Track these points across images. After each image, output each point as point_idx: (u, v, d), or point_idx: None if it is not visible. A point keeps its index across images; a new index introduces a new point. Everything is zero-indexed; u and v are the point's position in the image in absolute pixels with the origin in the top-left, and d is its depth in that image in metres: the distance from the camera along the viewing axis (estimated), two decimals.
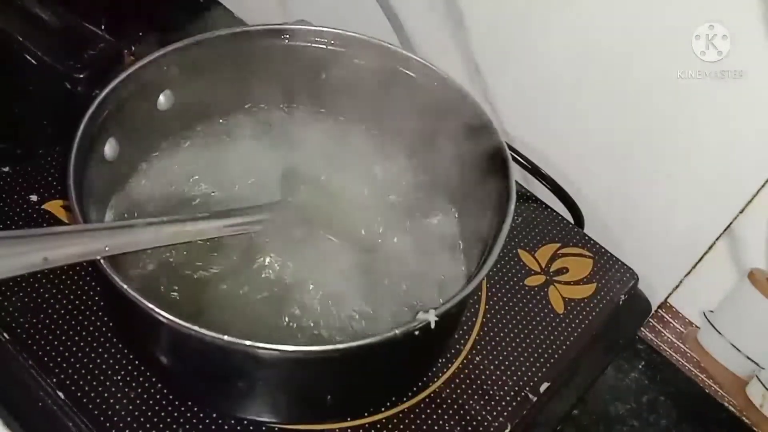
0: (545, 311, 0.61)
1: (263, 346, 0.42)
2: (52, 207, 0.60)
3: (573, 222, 0.69)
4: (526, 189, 0.70)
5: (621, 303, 0.63)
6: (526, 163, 0.70)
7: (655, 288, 0.69)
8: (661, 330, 0.73)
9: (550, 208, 0.69)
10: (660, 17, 0.59)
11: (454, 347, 0.57)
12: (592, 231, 0.68)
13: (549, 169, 0.69)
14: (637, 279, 0.65)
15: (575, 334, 0.60)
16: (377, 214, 0.59)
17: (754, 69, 0.57)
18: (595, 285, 0.63)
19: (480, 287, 0.61)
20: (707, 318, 0.70)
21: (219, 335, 0.41)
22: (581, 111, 0.68)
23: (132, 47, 0.61)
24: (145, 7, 0.76)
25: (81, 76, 0.57)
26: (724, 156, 0.61)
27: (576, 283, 0.63)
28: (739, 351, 0.68)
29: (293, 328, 0.51)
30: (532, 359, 0.57)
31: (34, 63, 0.59)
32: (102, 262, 0.43)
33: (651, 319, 0.73)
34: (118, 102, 0.52)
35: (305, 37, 0.59)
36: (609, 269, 0.65)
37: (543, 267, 0.64)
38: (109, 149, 0.53)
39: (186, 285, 0.53)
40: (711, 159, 0.62)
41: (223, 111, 0.62)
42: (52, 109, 0.65)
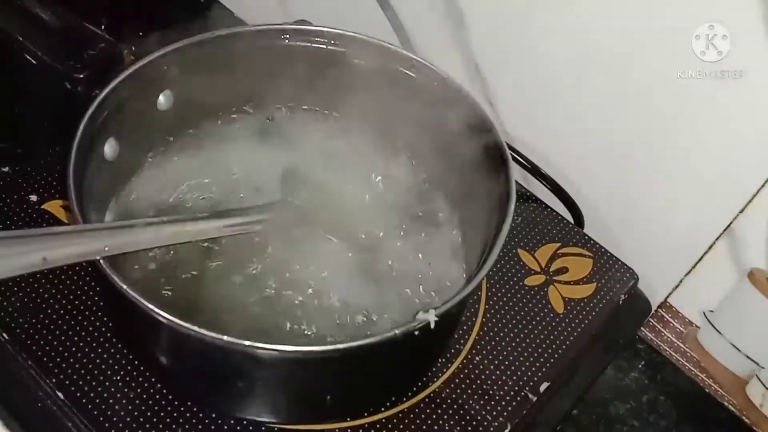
0: (545, 311, 0.61)
1: (263, 346, 0.42)
2: (51, 207, 0.60)
3: (573, 222, 0.69)
4: (526, 189, 0.70)
5: (621, 303, 0.63)
6: (526, 163, 0.70)
7: (655, 288, 0.69)
8: (661, 330, 0.73)
9: (550, 207, 0.69)
10: (660, 17, 0.59)
11: (454, 347, 0.57)
12: (592, 231, 0.68)
13: (549, 169, 0.69)
14: (637, 279, 0.65)
15: (575, 333, 0.60)
16: (377, 213, 0.59)
17: (754, 69, 0.57)
18: (595, 285, 0.63)
19: (480, 287, 0.61)
20: (707, 318, 0.70)
21: (219, 335, 0.41)
22: (581, 111, 0.68)
23: (132, 47, 0.61)
24: (145, 7, 0.76)
25: (81, 76, 0.57)
26: (724, 156, 0.61)
27: (576, 283, 0.63)
28: (739, 351, 0.68)
29: (293, 328, 0.51)
30: (532, 359, 0.57)
31: (34, 63, 0.59)
32: (101, 262, 0.43)
33: (651, 319, 0.73)
34: (118, 102, 0.52)
35: (305, 37, 0.59)
36: (609, 269, 0.65)
37: (543, 267, 0.64)
38: (109, 149, 0.52)
39: (185, 285, 0.53)
40: (711, 159, 0.62)
41: (223, 111, 0.62)
42: (52, 109, 0.64)
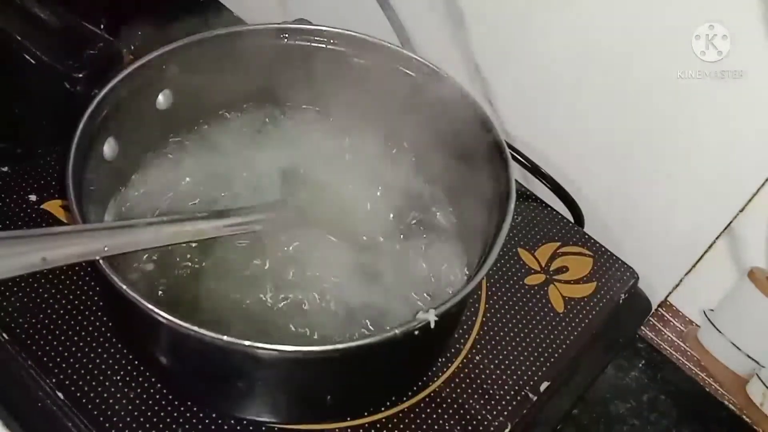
0: (545, 310, 0.61)
1: (263, 346, 0.41)
2: (51, 207, 0.60)
3: (573, 221, 0.69)
4: (526, 188, 0.70)
5: (621, 302, 0.63)
6: (526, 162, 0.70)
7: (656, 287, 0.69)
8: (662, 329, 0.73)
9: (550, 207, 0.69)
10: (660, 17, 0.59)
11: (454, 347, 0.57)
12: (592, 230, 0.68)
13: (549, 169, 0.69)
14: (637, 278, 0.65)
15: (575, 333, 0.60)
16: (377, 213, 0.59)
17: (754, 69, 0.57)
18: (595, 284, 0.63)
19: (480, 286, 0.61)
20: (707, 317, 0.70)
21: (218, 335, 0.41)
22: (581, 110, 0.68)
23: (132, 47, 0.61)
24: (145, 7, 0.75)
25: (81, 75, 0.57)
26: (724, 156, 0.61)
27: (576, 282, 0.63)
28: (740, 349, 0.68)
29: (293, 328, 0.51)
30: (532, 358, 0.57)
31: (33, 63, 0.59)
32: (101, 262, 0.43)
33: (651, 318, 0.73)
34: (117, 102, 0.52)
35: (305, 37, 0.59)
36: (609, 268, 0.65)
37: (543, 266, 0.64)
38: (109, 149, 0.52)
39: (185, 285, 0.53)
40: (711, 159, 0.62)
41: (223, 110, 0.62)
42: (51, 109, 0.64)
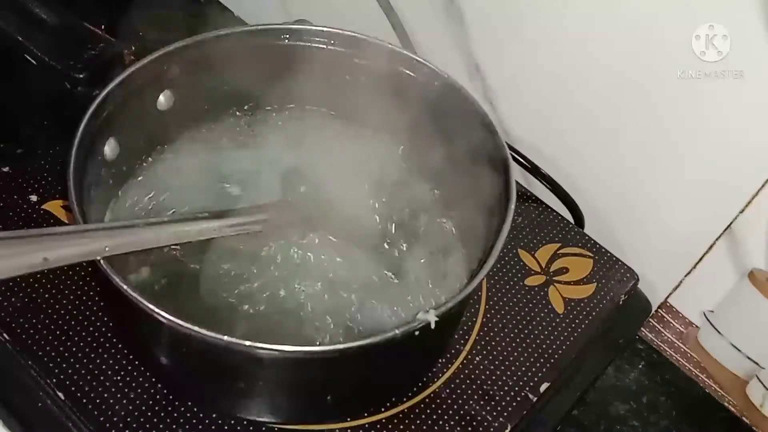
0: (545, 311, 0.61)
1: (263, 346, 0.41)
2: (52, 207, 0.60)
3: (573, 222, 0.69)
4: (526, 189, 0.70)
5: (621, 303, 0.63)
6: (526, 163, 0.69)
7: (655, 288, 0.69)
8: (662, 330, 0.73)
9: (550, 208, 0.69)
10: (660, 17, 0.59)
11: (454, 347, 0.57)
12: (592, 231, 0.68)
13: (549, 169, 0.69)
14: (637, 279, 0.65)
15: (575, 334, 0.60)
16: (377, 213, 0.59)
17: (754, 69, 0.57)
18: (595, 285, 0.63)
19: (480, 287, 0.61)
20: (707, 318, 0.70)
21: (219, 336, 0.41)
22: (581, 111, 0.68)
23: (132, 47, 0.61)
24: (145, 7, 0.76)
25: (81, 76, 0.57)
26: (724, 157, 0.61)
27: (576, 283, 0.63)
28: (739, 351, 0.68)
29: (293, 327, 0.51)
30: (532, 359, 0.57)
31: (33, 63, 0.59)
32: (102, 262, 0.43)
33: (651, 319, 0.73)
34: (118, 102, 0.52)
35: (305, 37, 0.59)
36: (609, 269, 0.65)
37: (543, 267, 0.64)
38: (109, 149, 0.52)
39: (185, 285, 0.53)
40: (711, 160, 0.62)
41: (223, 111, 0.62)
42: (51, 109, 0.64)
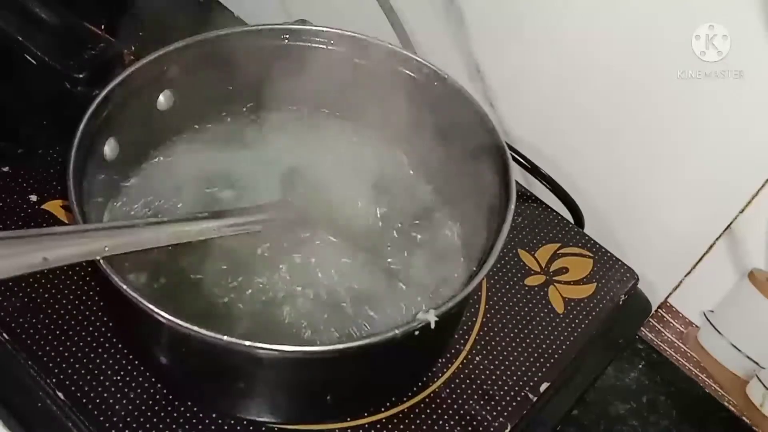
0: (545, 311, 0.61)
1: (263, 346, 0.41)
2: (51, 207, 0.60)
3: (573, 222, 0.69)
4: (526, 189, 0.70)
5: (621, 303, 0.63)
6: (526, 163, 0.69)
7: (655, 288, 0.69)
8: (662, 330, 0.73)
9: (550, 208, 0.69)
10: (660, 17, 0.59)
11: (454, 347, 0.57)
12: (592, 231, 0.68)
13: (549, 169, 0.69)
14: (637, 279, 0.65)
15: (575, 334, 0.60)
16: (377, 213, 0.59)
17: (754, 69, 0.57)
18: (595, 285, 0.63)
19: (480, 287, 0.61)
20: (707, 318, 0.70)
21: (219, 336, 0.41)
22: (581, 111, 0.68)
23: (132, 47, 0.61)
24: (145, 7, 0.76)
25: (81, 76, 0.57)
26: (724, 156, 0.61)
27: (576, 283, 0.63)
28: (739, 351, 0.68)
29: (293, 327, 0.51)
30: (532, 359, 0.57)
31: (33, 63, 0.59)
32: (102, 262, 0.43)
33: (651, 319, 0.73)
34: (117, 102, 0.52)
35: (305, 37, 0.59)
36: (609, 269, 0.65)
37: (543, 267, 0.64)
38: (109, 149, 0.53)
39: (185, 285, 0.53)
40: (711, 159, 0.62)
41: (223, 111, 0.62)
42: (52, 109, 0.64)
